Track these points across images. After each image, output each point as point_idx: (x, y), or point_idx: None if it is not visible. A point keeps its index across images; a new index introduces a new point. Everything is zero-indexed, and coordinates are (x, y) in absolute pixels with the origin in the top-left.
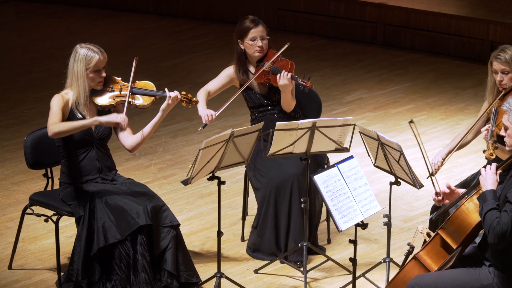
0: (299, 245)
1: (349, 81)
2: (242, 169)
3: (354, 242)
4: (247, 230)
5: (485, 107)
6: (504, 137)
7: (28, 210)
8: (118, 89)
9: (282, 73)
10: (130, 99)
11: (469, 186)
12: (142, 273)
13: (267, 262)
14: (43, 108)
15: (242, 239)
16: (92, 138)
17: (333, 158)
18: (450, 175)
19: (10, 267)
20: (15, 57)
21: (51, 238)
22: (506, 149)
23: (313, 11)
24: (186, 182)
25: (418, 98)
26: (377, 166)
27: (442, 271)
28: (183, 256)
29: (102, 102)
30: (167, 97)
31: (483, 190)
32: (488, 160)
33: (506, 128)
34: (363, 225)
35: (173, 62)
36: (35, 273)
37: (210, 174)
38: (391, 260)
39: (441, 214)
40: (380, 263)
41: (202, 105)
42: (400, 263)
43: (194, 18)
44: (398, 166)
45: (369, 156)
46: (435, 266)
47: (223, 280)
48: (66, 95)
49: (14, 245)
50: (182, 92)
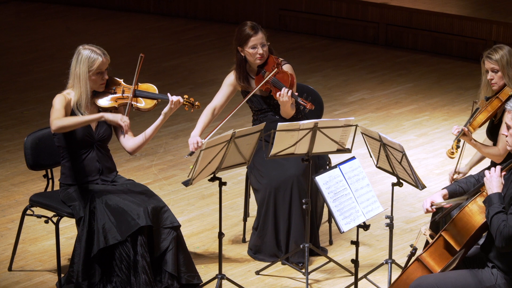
0: (301, 246)
1: (351, 81)
2: (244, 170)
3: (356, 243)
4: (248, 231)
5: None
6: (506, 136)
7: (28, 211)
8: (120, 91)
9: (283, 90)
10: (132, 102)
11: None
12: (142, 274)
13: (269, 263)
14: (44, 109)
15: (244, 240)
16: (92, 139)
17: (335, 159)
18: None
19: (10, 269)
20: (15, 57)
21: (51, 240)
22: (508, 148)
23: (315, 11)
24: (187, 183)
25: (421, 99)
26: (379, 167)
27: (444, 273)
28: (184, 257)
29: (104, 104)
30: (170, 101)
31: (489, 193)
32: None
33: (509, 127)
34: (365, 226)
35: (174, 62)
36: (35, 274)
37: (211, 175)
38: (393, 261)
39: (444, 216)
40: (382, 265)
41: (195, 130)
42: (402, 265)
43: (195, 18)
44: (400, 167)
45: (371, 157)
46: (438, 268)
47: (224, 281)
48: (68, 95)
49: (14, 246)
50: (185, 96)
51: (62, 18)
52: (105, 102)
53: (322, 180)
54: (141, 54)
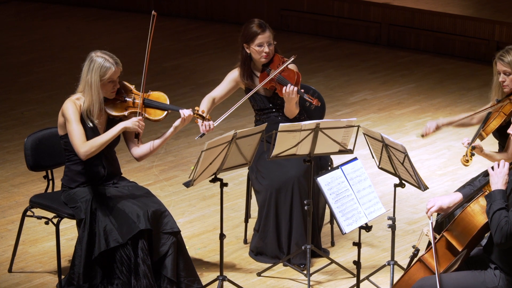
0: (303, 247)
1: (353, 82)
2: (245, 171)
3: (358, 244)
4: (250, 232)
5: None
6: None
7: (28, 213)
8: (130, 99)
9: (288, 86)
10: (141, 111)
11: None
12: (144, 279)
13: (270, 265)
14: (44, 109)
15: (245, 242)
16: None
17: (336, 160)
18: (455, 177)
19: (10, 270)
20: (15, 57)
21: (52, 241)
22: None
23: (316, 11)
24: (188, 184)
25: (423, 99)
26: (381, 168)
27: (446, 274)
28: (184, 262)
29: (113, 112)
30: (181, 116)
31: (493, 189)
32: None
33: None
34: (367, 227)
35: (175, 62)
36: (36, 276)
37: (213, 176)
38: (396, 263)
39: (446, 216)
40: (384, 266)
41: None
42: (404, 266)
43: (196, 18)
44: (402, 168)
45: (373, 158)
46: (440, 269)
47: (226, 283)
48: (78, 101)
49: (14, 247)
50: (196, 108)
51: (63, 18)
52: (114, 110)
53: (324, 181)
54: (154, 12)
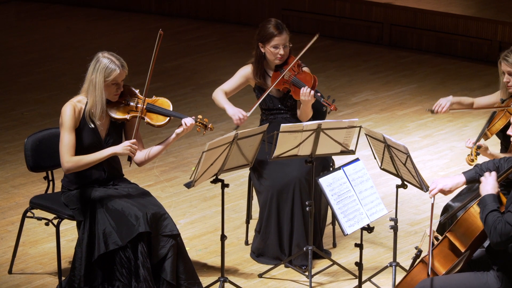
0: (304, 249)
1: (355, 82)
2: (246, 171)
3: (360, 246)
4: (251, 234)
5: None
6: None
7: (28, 214)
8: (133, 103)
9: (305, 89)
10: (143, 116)
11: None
12: (143, 282)
13: (272, 266)
14: (44, 109)
15: (246, 243)
16: (100, 147)
17: (338, 160)
18: None
19: (10, 272)
20: (15, 58)
21: (52, 242)
22: None
23: (318, 11)
24: (189, 185)
25: (425, 100)
26: (383, 169)
27: (449, 275)
28: (184, 264)
29: (115, 115)
30: (183, 124)
31: (483, 194)
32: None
33: None
34: (369, 228)
35: (176, 63)
36: (36, 277)
37: (214, 177)
38: (398, 264)
39: (449, 217)
40: (386, 267)
41: (228, 103)
42: (407, 268)
43: (197, 18)
44: (404, 168)
45: (375, 158)
46: (443, 270)
47: (227, 284)
48: (79, 104)
49: (14, 249)
50: (199, 116)
51: (63, 18)
52: (117, 113)
53: (326, 182)
54: (160, 32)
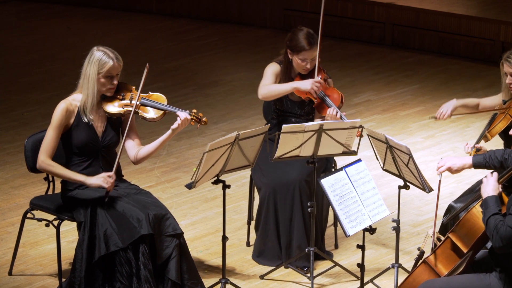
0: (306, 250)
1: (357, 82)
2: (248, 172)
3: (362, 247)
4: (253, 235)
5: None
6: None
7: (28, 215)
8: (128, 98)
9: (332, 110)
10: (138, 110)
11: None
12: (145, 283)
13: (273, 267)
14: (44, 110)
15: (248, 244)
16: (97, 146)
17: (340, 161)
18: (460, 179)
19: (10, 273)
20: (16, 58)
21: (52, 243)
22: None
23: (320, 11)
24: (190, 186)
25: (428, 100)
26: (385, 170)
27: (451, 277)
28: (187, 264)
29: (110, 110)
30: (178, 118)
31: (484, 197)
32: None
33: None
34: (371, 230)
35: (177, 63)
36: (36, 279)
37: (215, 178)
38: (400, 265)
39: (452, 218)
40: (388, 269)
41: (292, 83)
42: (409, 269)
43: (198, 18)
44: (407, 169)
45: (377, 159)
46: (446, 271)
47: (228, 286)
48: (74, 102)
49: (14, 250)
50: (193, 110)
51: (63, 18)
52: (111, 107)
53: (328, 183)
54: (147, 66)
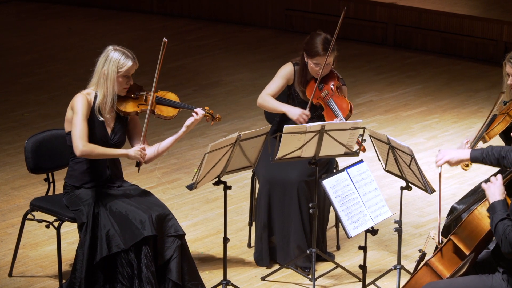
0: (307, 251)
1: (359, 83)
2: (249, 173)
3: (364, 248)
4: (254, 236)
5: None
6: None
7: (29, 216)
8: (142, 96)
9: (338, 120)
10: (153, 109)
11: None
12: (147, 284)
13: (275, 269)
14: (45, 111)
15: (249, 246)
16: (107, 143)
17: (342, 162)
18: (463, 180)
19: (10, 274)
20: (16, 58)
21: (53, 245)
22: None
23: (321, 11)
24: (191, 187)
25: (430, 101)
26: (387, 171)
27: (453, 278)
28: (188, 265)
29: (125, 109)
30: (194, 114)
31: (491, 201)
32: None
33: None
34: (373, 231)
35: (178, 63)
36: (36, 280)
37: (216, 179)
38: (402, 267)
39: (454, 219)
40: (390, 270)
41: (285, 105)
42: (411, 270)
43: (199, 19)
44: (409, 170)
45: (379, 160)
46: (448, 273)
47: (229, 287)
48: (89, 96)
49: (14, 251)
50: (206, 107)
51: (63, 18)
52: (126, 107)
53: (329, 184)
54: (164, 40)
